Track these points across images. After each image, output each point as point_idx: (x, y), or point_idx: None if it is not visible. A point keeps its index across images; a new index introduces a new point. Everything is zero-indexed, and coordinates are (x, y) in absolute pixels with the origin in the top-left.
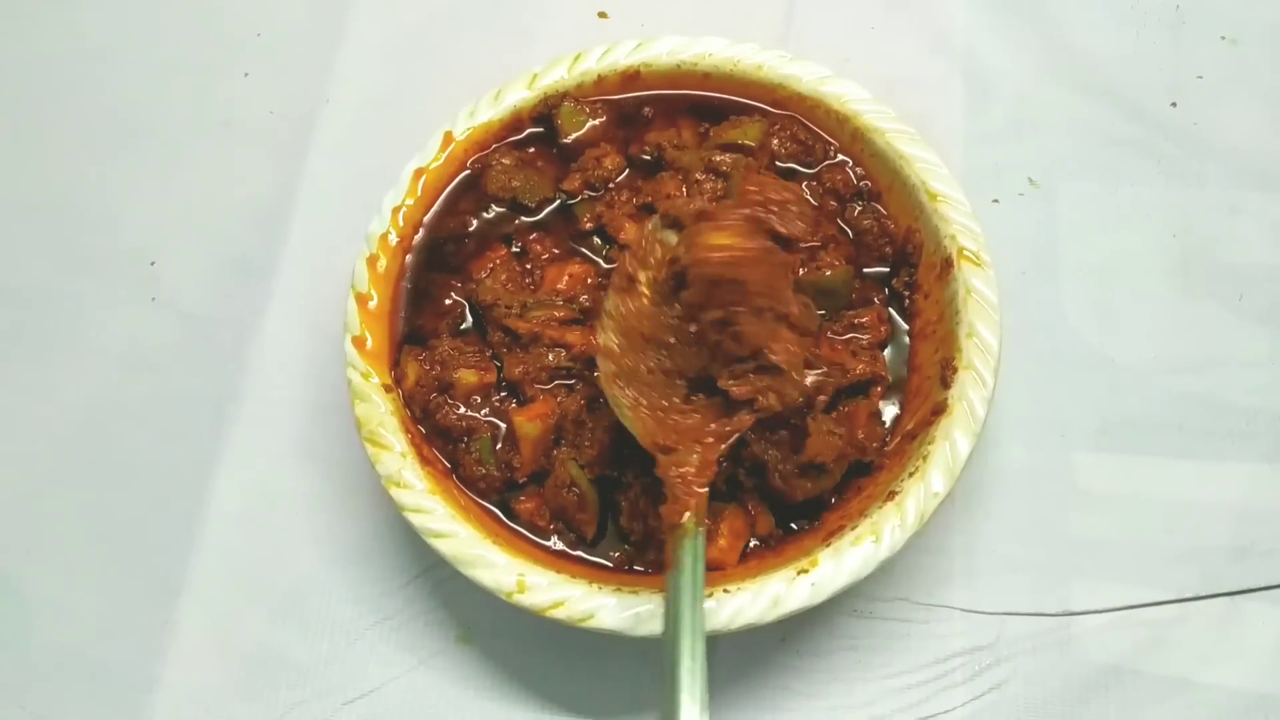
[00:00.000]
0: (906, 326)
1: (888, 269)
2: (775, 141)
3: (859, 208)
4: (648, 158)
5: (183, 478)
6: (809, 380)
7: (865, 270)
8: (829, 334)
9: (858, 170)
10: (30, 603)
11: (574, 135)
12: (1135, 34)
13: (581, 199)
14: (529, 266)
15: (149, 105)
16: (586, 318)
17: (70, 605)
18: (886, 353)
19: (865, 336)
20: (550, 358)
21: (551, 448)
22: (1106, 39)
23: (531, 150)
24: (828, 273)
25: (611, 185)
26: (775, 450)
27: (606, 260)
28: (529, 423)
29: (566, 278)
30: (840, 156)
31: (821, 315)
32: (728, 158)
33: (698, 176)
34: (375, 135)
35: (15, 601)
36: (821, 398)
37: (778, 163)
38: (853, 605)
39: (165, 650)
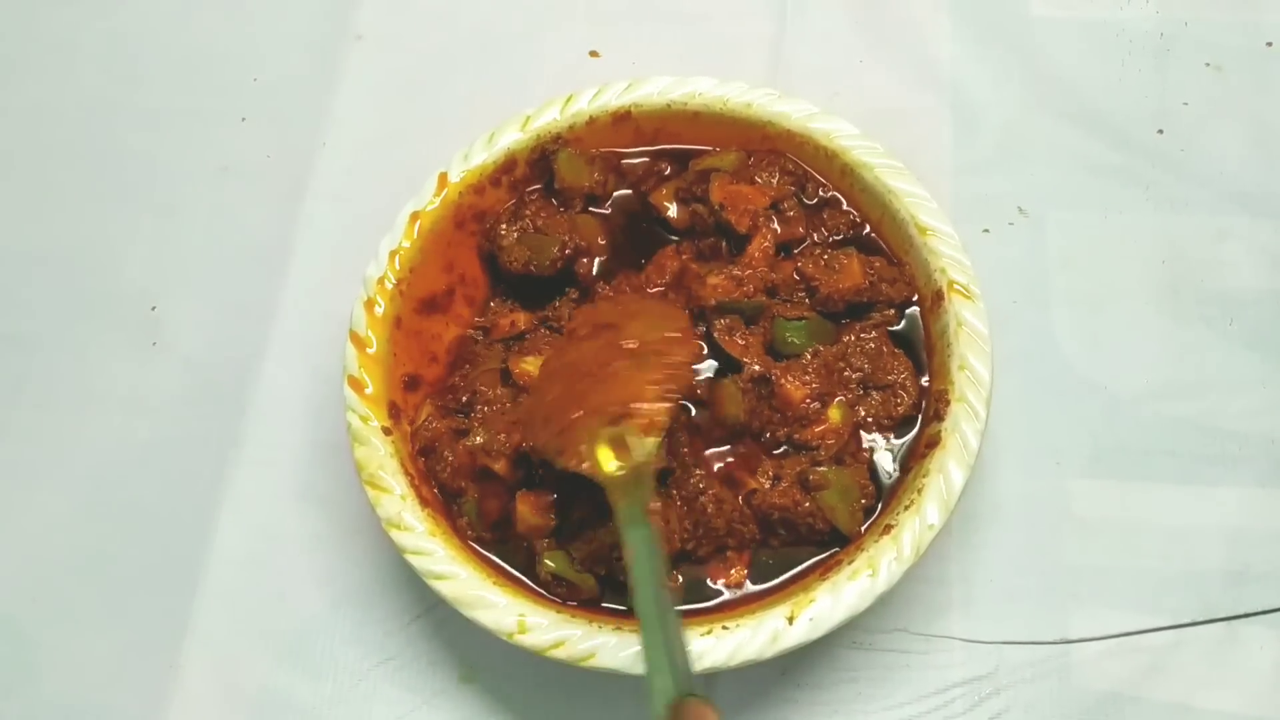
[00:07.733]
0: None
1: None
2: (766, 174)
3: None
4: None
5: (185, 522)
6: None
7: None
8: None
9: (853, 213)
10: (35, 649)
11: (571, 185)
12: (1120, 62)
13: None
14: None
15: (147, 151)
16: None
17: (75, 651)
18: None
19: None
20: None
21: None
22: (1092, 68)
23: (528, 213)
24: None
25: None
26: None
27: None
28: (533, 515)
29: None
30: (835, 194)
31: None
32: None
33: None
34: (372, 178)
35: (20, 647)
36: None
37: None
38: (852, 637)
39: (170, 695)
